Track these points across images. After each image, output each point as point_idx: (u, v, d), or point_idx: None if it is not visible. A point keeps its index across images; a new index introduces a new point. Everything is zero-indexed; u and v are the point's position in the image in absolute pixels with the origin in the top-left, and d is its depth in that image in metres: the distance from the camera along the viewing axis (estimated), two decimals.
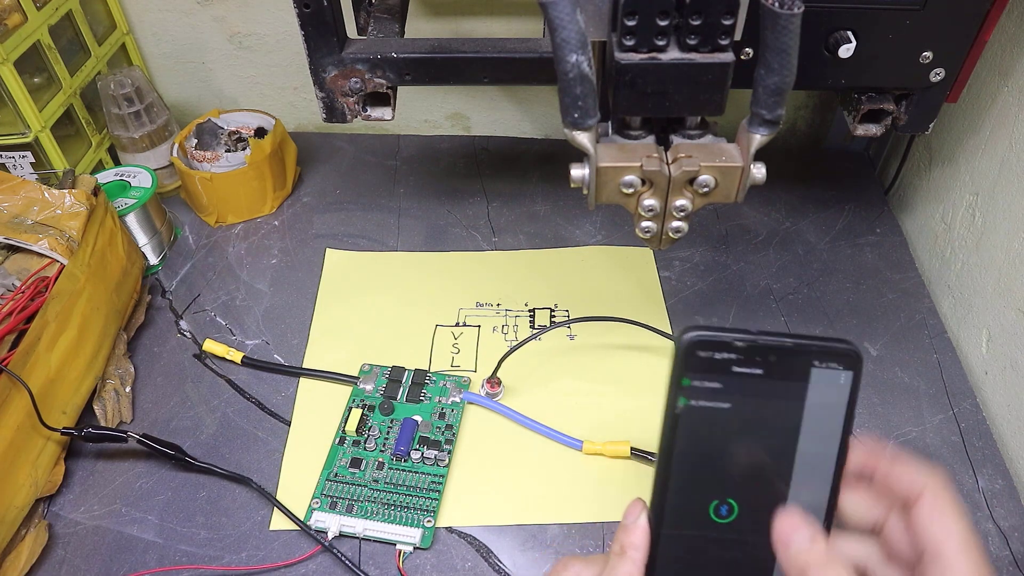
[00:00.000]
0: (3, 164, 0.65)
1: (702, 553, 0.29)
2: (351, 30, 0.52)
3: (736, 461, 0.28)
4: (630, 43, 0.34)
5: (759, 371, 0.28)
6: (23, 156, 0.64)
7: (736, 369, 0.28)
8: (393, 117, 0.53)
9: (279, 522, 0.48)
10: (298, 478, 0.50)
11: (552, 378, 0.56)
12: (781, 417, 0.28)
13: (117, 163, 0.73)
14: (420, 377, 0.55)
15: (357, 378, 0.55)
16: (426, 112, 0.83)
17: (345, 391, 0.55)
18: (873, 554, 0.29)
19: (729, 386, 0.28)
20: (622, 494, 0.49)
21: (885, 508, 0.29)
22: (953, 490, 0.27)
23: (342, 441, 0.51)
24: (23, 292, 0.49)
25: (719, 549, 0.29)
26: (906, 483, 0.28)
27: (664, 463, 0.29)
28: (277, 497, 0.49)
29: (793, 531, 0.27)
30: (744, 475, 0.28)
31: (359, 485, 0.49)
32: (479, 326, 0.60)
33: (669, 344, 0.58)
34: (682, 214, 0.37)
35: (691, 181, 0.36)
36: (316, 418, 0.53)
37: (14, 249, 0.52)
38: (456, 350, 0.58)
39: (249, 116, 0.72)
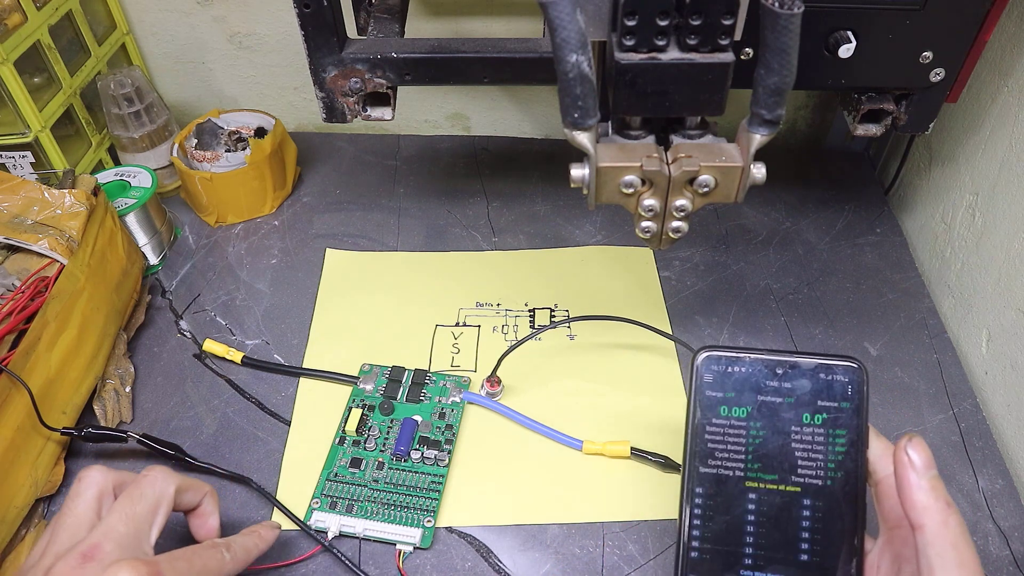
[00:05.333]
0: (3, 164, 0.65)
1: (734, 571, 0.29)
2: (351, 30, 0.52)
3: (756, 475, 0.30)
4: (630, 43, 0.34)
5: (771, 383, 0.30)
6: (23, 156, 0.64)
7: (749, 382, 0.30)
8: (393, 117, 0.53)
9: (279, 522, 0.48)
10: (298, 478, 0.50)
11: (552, 378, 0.56)
12: (795, 429, 0.29)
13: (117, 163, 0.73)
14: (420, 377, 0.55)
15: (357, 378, 0.55)
16: (426, 112, 0.83)
17: (345, 391, 0.55)
18: None
19: (743, 398, 0.30)
20: (622, 494, 0.49)
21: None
22: (964, 537, 0.26)
23: (342, 441, 0.51)
24: (23, 292, 0.49)
25: (750, 568, 0.29)
26: (915, 511, 0.27)
27: (688, 477, 0.30)
28: (277, 497, 0.49)
29: (928, 463, 0.28)
30: (766, 489, 0.29)
31: (359, 485, 0.49)
32: (479, 326, 0.60)
33: (670, 344, 0.58)
34: (682, 214, 0.37)
35: (691, 181, 0.36)
36: (316, 418, 0.53)
37: (14, 249, 0.52)
38: (456, 350, 0.58)
39: (249, 116, 0.72)
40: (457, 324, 0.60)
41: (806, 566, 0.29)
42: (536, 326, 0.60)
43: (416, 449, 0.51)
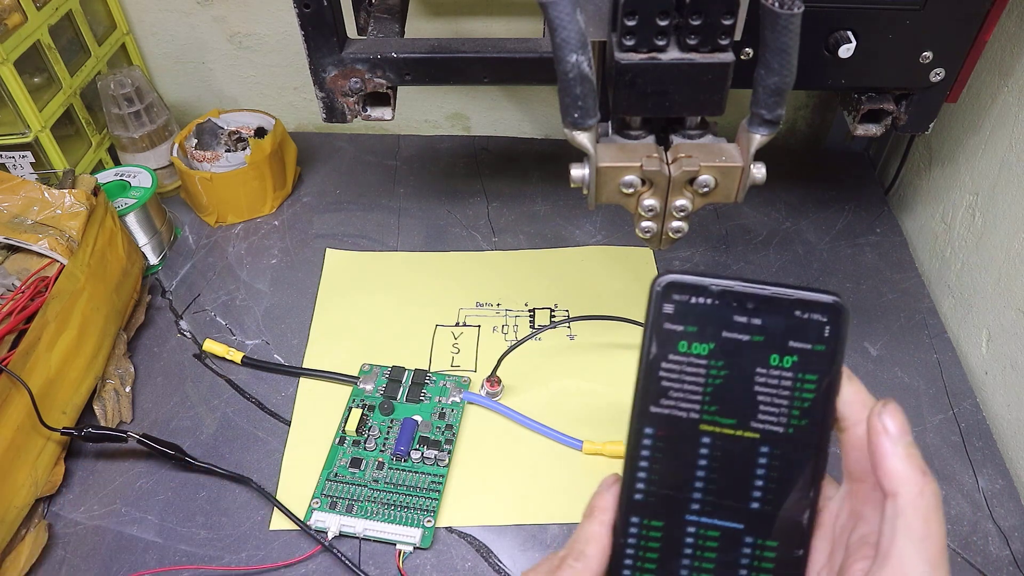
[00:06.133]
0: (3, 164, 0.65)
1: (679, 516, 0.28)
2: (351, 30, 0.52)
3: (713, 419, 0.27)
4: (630, 43, 0.34)
5: (739, 318, 0.26)
6: (23, 156, 0.64)
7: (714, 315, 0.26)
8: (393, 117, 0.53)
9: (279, 522, 0.48)
10: (298, 478, 0.50)
11: (552, 378, 0.56)
12: (761, 371, 0.27)
13: (117, 163, 0.73)
14: (420, 377, 0.55)
15: (357, 378, 0.55)
16: (426, 112, 0.83)
17: (345, 391, 0.55)
18: None
19: (706, 333, 0.26)
20: None
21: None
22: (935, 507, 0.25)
23: (342, 441, 0.51)
24: (23, 292, 0.49)
25: (697, 513, 0.27)
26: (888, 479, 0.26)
27: (638, 417, 0.27)
28: (277, 497, 0.49)
29: (903, 429, 0.26)
30: (722, 434, 0.27)
31: (359, 485, 0.49)
32: (479, 326, 0.60)
33: None
34: (682, 214, 0.37)
35: (691, 181, 0.36)
36: (316, 418, 0.53)
37: (14, 249, 0.52)
38: (456, 350, 0.58)
39: (249, 116, 0.72)
40: (457, 324, 0.60)
41: (756, 514, 0.27)
42: (536, 326, 0.60)
43: (416, 449, 0.51)
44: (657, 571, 0.27)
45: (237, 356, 0.57)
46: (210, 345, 0.58)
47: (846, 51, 0.46)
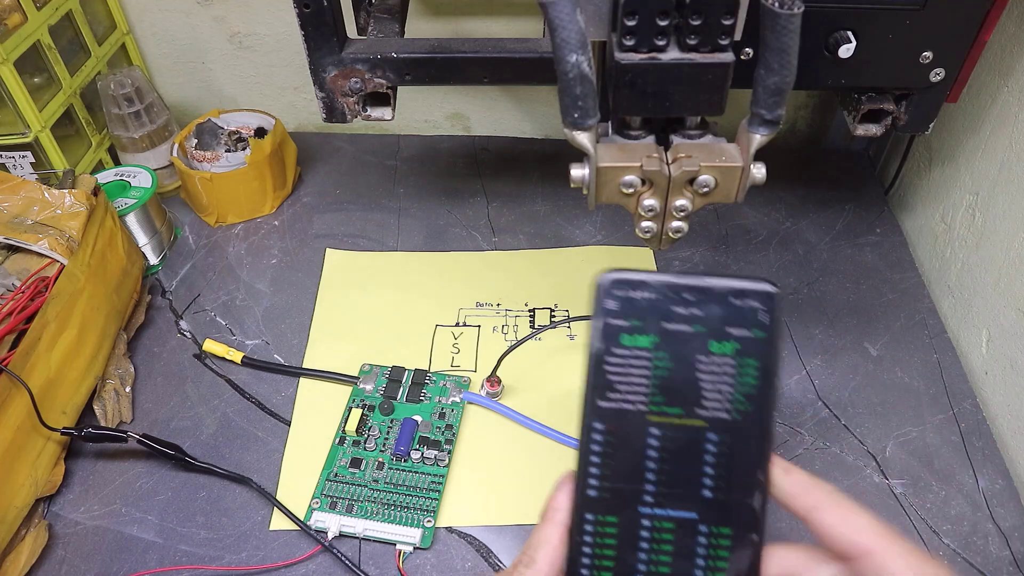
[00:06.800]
0: (3, 164, 0.65)
1: (633, 509, 0.28)
2: (351, 30, 0.52)
3: (660, 409, 0.27)
4: (630, 43, 0.34)
5: (678, 309, 0.27)
6: (23, 156, 0.64)
7: (654, 308, 0.27)
8: (393, 117, 0.53)
9: (279, 522, 0.48)
10: (298, 478, 0.50)
11: (552, 378, 0.56)
12: (702, 359, 0.27)
13: (117, 163, 0.73)
14: (420, 377, 0.55)
15: (357, 378, 0.55)
16: (426, 112, 0.83)
17: (345, 391, 0.55)
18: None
19: (648, 326, 0.27)
20: None
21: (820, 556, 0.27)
22: (912, 554, 0.25)
23: (342, 441, 0.51)
24: (23, 292, 0.49)
25: (650, 505, 0.28)
26: (848, 539, 0.26)
27: (587, 412, 0.28)
28: (277, 497, 0.49)
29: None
30: (669, 424, 0.27)
31: (359, 485, 0.49)
32: (479, 326, 0.60)
33: None
34: (682, 214, 0.37)
35: (691, 181, 0.36)
36: (316, 418, 0.53)
37: (14, 249, 0.52)
38: (456, 350, 0.58)
39: (249, 116, 0.72)
40: (457, 324, 0.60)
41: (708, 503, 0.27)
42: (536, 326, 0.60)
43: (416, 449, 0.51)
44: (615, 567, 0.28)
45: (237, 356, 0.57)
46: (210, 345, 0.58)
47: (846, 51, 0.46)
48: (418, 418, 0.52)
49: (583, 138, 0.34)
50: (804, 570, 0.27)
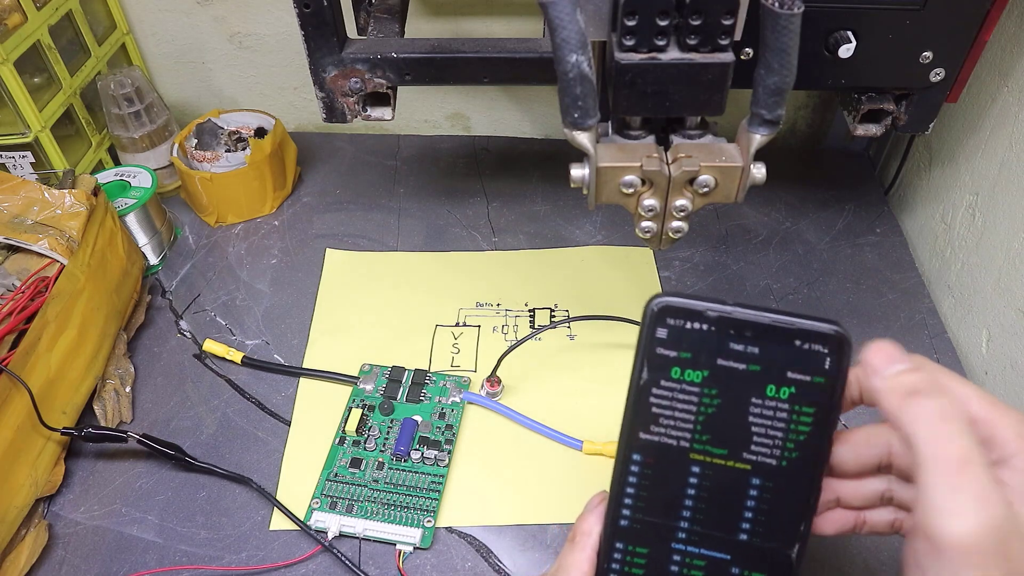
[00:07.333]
0: (3, 164, 0.65)
1: (665, 544, 0.27)
2: (351, 30, 0.52)
3: (704, 448, 0.26)
4: (630, 43, 0.34)
5: (735, 346, 0.25)
6: (23, 156, 0.64)
7: (709, 342, 0.25)
8: (393, 117, 0.53)
9: (279, 522, 0.48)
10: (298, 478, 0.50)
11: (552, 378, 0.56)
12: (756, 401, 0.25)
13: (117, 163, 0.73)
14: (420, 377, 0.55)
15: (357, 378, 0.55)
16: (426, 112, 0.83)
17: (345, 391, 0.55)
18: (890, 482, 0.27)
19: (700, 360, 0.25)
20: None
21: (883, 445, 0.27)
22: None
23: (342, 441, 0.51)
24: (23, 292, 0.49)
25: (683, 542, 0.27)
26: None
27: (626, 443, 0.26)
28: (277, 497, 0.49)
29: (890, 360, 0.24)
30: (712, 464, 0.26)
31: (359, 485, 0.49)
32: (479, 326, 0.60)
33: None
34: (682, 214, 0.38)
35: (691, 181, 0.36)
36: (316, 418, 0.53)
37: (14, 249, 0.52)
38: (456, 350, 0.58)
39: (249, 116, 0.72)
40: (457, 324, 0.60)
41: (744, 547, 0.26)
42: (536, 326, 0.60)
43: (416, 449, 0.51)
44: None
45: (237, 356, 0.57)
46: (210, 345, 0.58)
47: (846, 51, 0.46)
48: (418, 418, 0.52)
49: (583, 138, 0.34)
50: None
